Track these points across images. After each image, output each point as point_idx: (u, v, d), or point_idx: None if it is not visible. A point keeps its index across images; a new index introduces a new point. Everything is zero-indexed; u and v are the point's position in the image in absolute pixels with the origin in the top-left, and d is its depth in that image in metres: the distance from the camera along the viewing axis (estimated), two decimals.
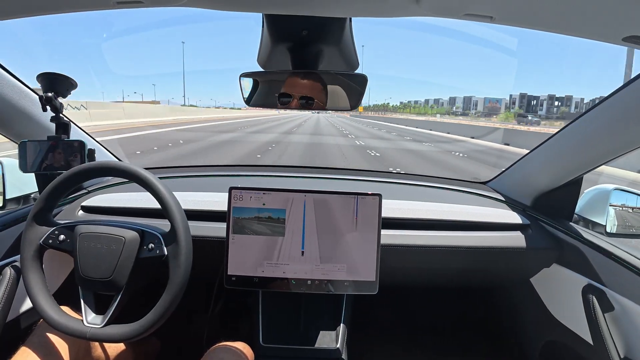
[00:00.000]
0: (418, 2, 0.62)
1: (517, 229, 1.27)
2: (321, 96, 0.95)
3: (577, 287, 1.12)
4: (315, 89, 0.95)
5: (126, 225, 0.95)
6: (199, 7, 0.71)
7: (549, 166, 1.24)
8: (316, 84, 0.95)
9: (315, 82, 0.95)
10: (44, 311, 0.89)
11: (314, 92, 0.95)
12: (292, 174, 1.60)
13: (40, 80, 1.09)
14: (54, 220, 0.98)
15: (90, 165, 0.96)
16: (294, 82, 0.95)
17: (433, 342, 1.71)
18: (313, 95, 0.95)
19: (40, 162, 1.15)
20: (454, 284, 1.58)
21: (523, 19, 0.68)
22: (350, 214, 1.04)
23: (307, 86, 0.95)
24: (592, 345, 1.06)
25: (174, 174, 1.57)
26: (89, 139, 1.41)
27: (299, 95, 0.95)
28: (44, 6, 0.72)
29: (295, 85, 0.95)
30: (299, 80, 0.95)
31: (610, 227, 1.20)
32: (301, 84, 0.95)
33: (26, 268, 0.91)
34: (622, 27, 0.62)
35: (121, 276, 0.90)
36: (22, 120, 1.18)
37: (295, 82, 0.95)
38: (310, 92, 0.95)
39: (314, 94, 0.95)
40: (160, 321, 0.88)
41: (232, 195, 1.04)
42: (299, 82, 0.95)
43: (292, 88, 0.95)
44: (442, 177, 1.68)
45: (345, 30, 0.88)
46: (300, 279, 1.04)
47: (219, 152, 10.91)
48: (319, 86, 0.95)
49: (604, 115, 1.00)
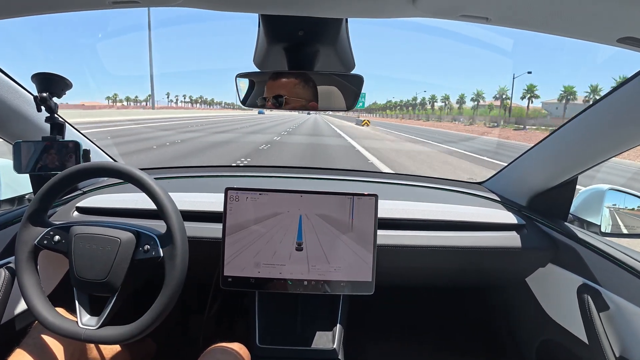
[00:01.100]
0: (414, 3, 0.62)
1: (513, 229, 1.27)
2: (317, 97, 0.96)
3: (573, 286, 1.13)
4: (311, 89, 0.95)
5: (122, 227, 0.95)
6: (194, 8, 0.71)
7: (544, 166, 1.25)
8: (310, 84, 0.95)
9: (311, 83, 0.95)
10: (38, 313, 0.89)
11: (309, 92, 0.95)
12: (288, 174, 1.60)
13: (35, 80, 1.08)
14: (49, 221, 0.97)
15: (85, 166, 0.95)
16: (290, 82, 0.95)
17: (429, 342, 1.71)
18: (309, 96, 0.95)
19: (35, 162, 1.15)
20: (450, 284, 1.58)
21: (518, 20, 0.68)
22: (347, 215, 1.04)
23: (303, 87, 0.95)
24: (587, 345, 1.06)
25: (169, 175, 1.57)
26: (84, 139, 1.40)
27: (295, 96, 0.95)
28: (40, 6, 0.71)
29: (291, 86, 0.95)
30: (295, 80, 0.95)
31: (605, 227, 1.21)
32: (297, 84, 0.95)
33: (21, 269, 0.91)
34: (617, 28, 0.63)
35: (116, 278, 0.90)
36: (17, 120, 1.17)
37: (291, 83, 0.95)
38: (306, 92, 0.95)
39: (310, 95, 0.95)
40: (156, 323, 0.88)
41: (228, 196, 1.04)
42: (295, 83, 0.95)
43: (288, 89, 0.95)
44: (438, 178, 1.68)
45: (342, 30, 0.88)
46: (297, 279, 1.04)
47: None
48: (314, 87, 0.95)
49: (598, 115, 1.00)
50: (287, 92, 0.94)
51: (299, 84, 0.94)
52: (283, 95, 0.94)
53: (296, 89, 0.94)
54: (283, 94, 0.94)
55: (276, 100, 0.94)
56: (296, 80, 0.94)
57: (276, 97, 0.94)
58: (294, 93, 0.95)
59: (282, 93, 0.94)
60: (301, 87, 0.94)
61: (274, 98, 0.95)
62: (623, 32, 0.63)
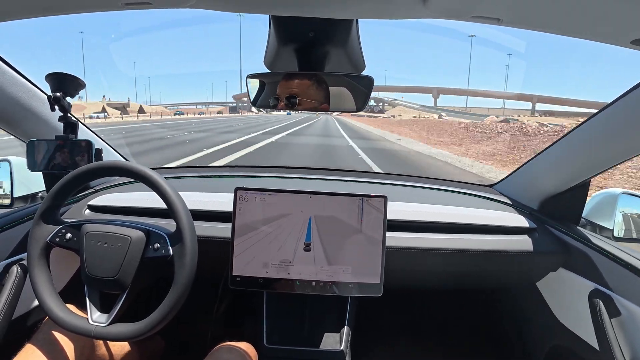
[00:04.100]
0: (425, 4, 0.62)
1: (524, 233, 1.26)
2: (327, 98, 0.96)
3: (584, 291, 1.11)
4: (323, 91, 0.95)
5: (132, 225, 0.96)
6: (207, 9, 0.72)
7: (556, 169, 1.24)
8: (322, 85, 0.95)
9: (321, 84, 0.95)
10: (49, 309, 0.90)
11: (322, 94, 0.95)
12: (297, 175, 1.60)
13: (49, 80, 1.10)
14: (61, 219, 0.98)
15: (97, 165, 0.97)
16: (303, 84, 0.95)
17: (438, 345, 1.70)
18: (321, 97, 0.95)
19: (48, 161, 1.16)
20: (459, 287, 1.57)
21: (530, 21, 0.67)
22: (356, 216, 1.04)
23: (313, 88, 0.95)
24: (598, 351, 1.05)
25: (180, 174, 1.58)
26: (97, 138, 1.42)
27: (308, 97, 0.95)
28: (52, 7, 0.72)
29: (305, 87, 0.95)
30: (305, 81, 0.95)
31: (618, 231, 1.19)
32: (307, 85, 0.95)
33: (33, 266, 0.92)
34: (631, 30, 0.62)
35: (126, 275, 0.91)
36: (31, 119, 1.19)
37: (302, 84, 0.95)
38: (319, 94, 0.95)
39: (322, 96, 0.95)
40: (165, 321, 0.88)
41: (237, 196, 1.04)
42: (305, 84, 0.95)
43: (301, 89, 0.95)
44: (448, 180, 1.67)
45: (352, 32, 0.88)
46: (305, 280, 1.04)
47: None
48: (325, 88, 0.95)
49: (612, 118, 0.99)
50: (300, 93, 0.95)
51: (312, 85, 0.94)
52: (296, 96, 0.94)
53: (309, 90, 0.95)
54: (296, 95, 0.94)
55: (289, 101, 0.95)
56: (309, 82, 0.94)
57: (289, 98, 0.95)
58: (307, 94, 0.95)
59: (296, 94, 0.94)
60: (314, 88, 0.94)
61: (286, 99, 0.95)
62: (637, 33, 0.62)
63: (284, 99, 0.95)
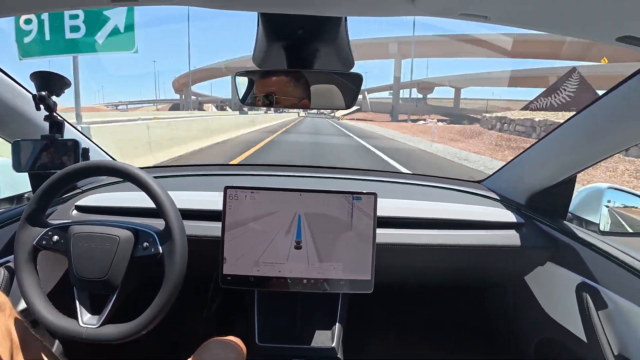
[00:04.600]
0: (413, 2, 0.62)
1: (512, 228, 1.27)
2: (316, 95, 0.95)
3: (571, 285, 1.13)
4: (302, 87, 0.94)
5: (120, 225, 0.95)
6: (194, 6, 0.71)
7: (544, 165, 1.25)
8: (304, 82, 0.94)
9: (310, 81, 0.94)
10: (38, 312, 0.89)
11: (308, 91, 0.95)
12: (287, 172, 1.59)
13: (33, 79, 1.08)
14: (47, 221, 0.97)
15: (84, 165, 0.95)
16: (289, 81, 0.94)
17: (428, 340, 1.72)
18: (308, 94, 0.95)
19: (34, 161, 1.14)
20: (449, 282, 1.59)
21: (517, 19, 0.68)
22: (346, 213, 1.04)
23: (302, 85, 0.94)
24: (586, 343, 1.07)
25: (168, 173, 1.56)
26: (83, 138, 1.40)
27: (294, 94, 0.95)
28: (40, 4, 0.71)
29: (291, 85, 0.94)
30: (294, 79, 0.94)
31: (604, 225, 1.21)
32: (296, 83, 0.94)
33: (20, 270, 0.91)
34: (616, 27, 0.63)
35: (116, 276, 0.90)
36: (16, 119, 1.17)
37: (291, 81, 0.94)
38: (297, 91, 0.94)
39: (302, 93, 0.95)
40: (157, 319, 0.88)
41: (227, 195, 1.03)
42: (294, 81, 0.94)
43: (287, 87, 0.94)
44: (438, 176, 1.68)
45: (341, 29, 0.88)
46: (296, 278, 1.04)
47: None
48: (304, 83, 0.94)
49: (598, 113, 1.00)
50: (277, 90, 0.94)
51: (289, 82, 0.93)
52: (272, 93, 0.94)
53: (287, 87, 0.94)
54: (272, 92, 0.94)
55: (266, 98, 0.94)
56: (287, 79, 0.93)
57: (266, 96, 0.94)
58: (284, 92, 0.94)
59: (272, 91, 0.94)
60: (292, 85, 0.94)
61: (264, 97, 0.94)
62: (622, 31, 0.63)
63: (271, 97, 0.94)
